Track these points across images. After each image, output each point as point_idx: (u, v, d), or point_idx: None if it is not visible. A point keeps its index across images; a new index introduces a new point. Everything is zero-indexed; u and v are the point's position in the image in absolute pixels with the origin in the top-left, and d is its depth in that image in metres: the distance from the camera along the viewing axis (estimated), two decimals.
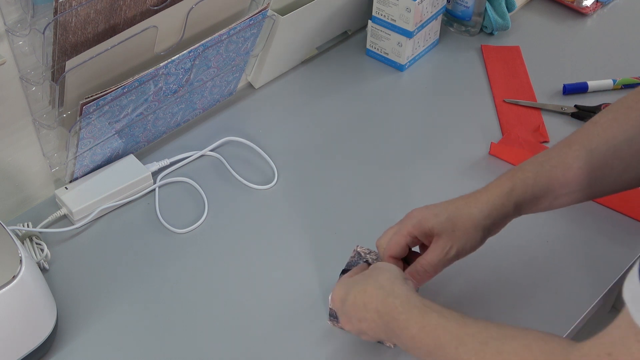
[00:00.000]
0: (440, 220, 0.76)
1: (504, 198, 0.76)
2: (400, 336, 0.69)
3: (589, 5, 1.31)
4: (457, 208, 0.77)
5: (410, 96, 1.16)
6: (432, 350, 0.66)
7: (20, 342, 0.76)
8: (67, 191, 0.95)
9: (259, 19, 0.98)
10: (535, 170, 0.77)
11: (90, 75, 0.86)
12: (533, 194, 0.76)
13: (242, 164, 1.04)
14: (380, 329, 0.72)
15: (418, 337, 0.67)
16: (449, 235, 0.76)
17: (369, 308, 0.72)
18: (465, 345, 0.63)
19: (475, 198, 0.77)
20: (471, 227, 0.76)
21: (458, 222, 0.76)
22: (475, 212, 0.76)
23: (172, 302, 0.87)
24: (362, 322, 0.73)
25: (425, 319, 0.67)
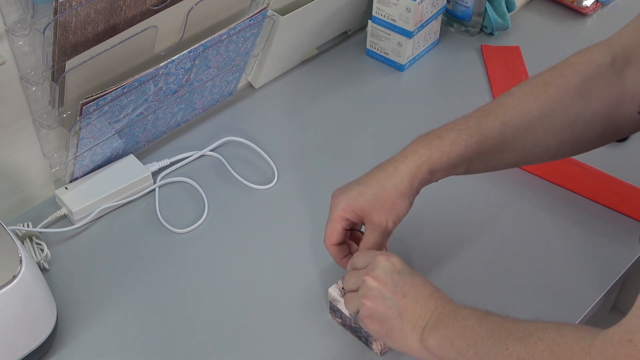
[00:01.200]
0: (368, 198, 0.78)
1: (423, 166, 0.78)
2: (451, 327, 0.69)
3: (589, 5, 1.31)
4: (379, 182, 0.79)
5: (410, 96, 1.16)
6: (478, 340, 0.67)
7: (20, 342, 0.76)
8: (67, 191, 0.95)
9: (259, 19, 0.98)
10: (452, 139, 0.79)
11: (90, 75, 0.86)
12: (449, 162, 0.78)
13: (242, 164, 1.04)
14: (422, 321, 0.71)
15: (472, 327, 0.68)
16: (379, 210, 0.78)
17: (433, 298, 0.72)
18: (514, 335, 0.65)
19: (395, 167, 0.79)
20: (398, 198, 0.78)
21: (384, 196, 0.78)
22: (397, 183, 0.78)
23: (172, 302, 0.87)
24: (405, 299, 0.72)
25: (486, 316, 0.69)
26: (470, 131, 0.79)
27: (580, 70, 0.79)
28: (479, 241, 0.92)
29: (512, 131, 0.78)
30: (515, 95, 0.80)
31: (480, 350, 0.67)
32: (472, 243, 0.92)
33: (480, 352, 0.66)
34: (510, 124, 0.78)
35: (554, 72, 0.80)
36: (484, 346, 0.66)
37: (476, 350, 0.67)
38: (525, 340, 0.64)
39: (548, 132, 0.79)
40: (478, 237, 0.92)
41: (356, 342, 0.82)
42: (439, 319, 0.70)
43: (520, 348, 0.64)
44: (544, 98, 0.78)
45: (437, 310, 0.71)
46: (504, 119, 0.78)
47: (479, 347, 0.67)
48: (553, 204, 0.98)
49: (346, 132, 1.09)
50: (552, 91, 0.78)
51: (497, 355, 0.65)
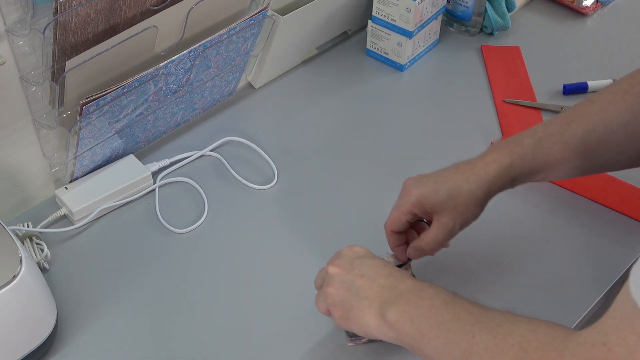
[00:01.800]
0: (441, 198, 0.77)
1: (503, 174, 0.77)
2: (413, 303, 0.69)
3: (589, 5, 1.31)
4: (455, 184, 0.77)
5: (410, 96, 1.16)
6: (443, 322, 0.66)
7: (20, 342, 0.76)
8: (67, 191, 0.95)
9: (259, 19, 0.98)
10: (533, 146, 0.78)
11: (90, 75, 0.86)
12: (530, 169, 0.78)
13: (242, 164, 1.04)
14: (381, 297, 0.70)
15: (437, 308, 0.67)
16: (450, 212, 0.77)
17: (394, 278, 0.72)
18: (481, 323, 0.64)
19: (473, 173, 0.78)
20: (472, 204, 0.77)
21: (459, 199, 0.77)
22: (474, 188, 0.77)
23: (172, 302, 0.87)
24: (363, 278, 0.72)
25: (453, 298, 0.69)
26: (553, 139, 0.78)
27: None
28: (478, 241, 0.92)
29: (594, 139, 0.78)
30: (597, 102, 0.79)
31: (443, 333, 0.66)
32: (472, 243, 0.92)
33: (444, 336, 0.65)
34: (592, 132, 0.78)
35: (632, 80, 0.80)
36: (448, 330, 0.65)
37: (439, 333, 0.66)
38: (494, 331, 0.63)
39: (630, 139, 0.78)
40: (478, 237, 0.92)
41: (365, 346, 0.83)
42: (401, 294, 0.70)
43: (488, 339, 0.62)
44: (624, 107, 0.78)
45: (399, 287, 0.71)
46: (587, 127, 0.78)
47: (442, 330, 0.66)
48: (553, 204, 0.98)
49: (346, 132, 1.09)
50: (631, 100, 0.78)
51: (462, 342, 0.64)
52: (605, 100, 0.79)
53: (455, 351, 0.64)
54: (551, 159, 0.78)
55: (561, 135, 0.78)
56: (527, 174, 0.78)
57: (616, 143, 0.78)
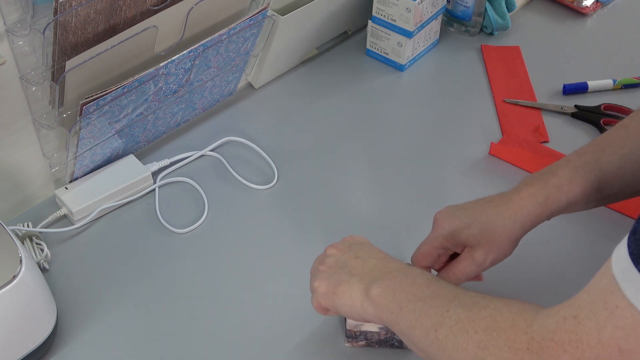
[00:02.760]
0: (474, 233, 0.75)
1: (539, 209, 0.75)
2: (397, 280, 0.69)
3: (589, 5, 1.31)
4: (489, 219, 0.75)
5: (410, 96, 1.16)
6: (421, 298, 0.66)
7: (20, 342, 0.76)
8: (67, 191, 0.95)
9: (259, 19, 0.98)
10: (570, 177, 0.75)
11: (90, 75, 0.86)
12: (567, 201, 0.75)
13: (242, 164, 1.04)
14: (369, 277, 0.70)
15: (419, 285, 0.68)
16: (483, 247, 0.75)
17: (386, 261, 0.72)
18: (459, 300, 0.64)
19: (508, 207, 0.75)
20: (506, 239, 0.75)
21: (492, 234, 0.75)
22: (509, 224, 0.74)
23: (172, 302, 0.87)
24: (357, 259, 0.73)
25: (438, 280, 0.69)
26: (589, 167, 0.76)
27: None
28: None
29: (631, 163, 0.75)
30: (629, 127, 0.77)
31: (419, 306, 0.66)
32: None
33: (419, 309, 0.65)
34: (628, 156, 0.75)
35: None
36: (425, 304, 0.65)
37: (415, 306, 0.66)
38: (469, 306, 0.63)
39: None
40: None
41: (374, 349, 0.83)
42: (388, 272, 0.70)
43: (462, 312, 0.62)
44: None
45: (388, 266, 0.71)
46: (622, 152, 0.75)
47: (419, 304, 0.66)
48: None
49: (346, 132, 1.09)
50: None
51: (436, 315, 0.64)
52: (637, 123, 0.77)
53: (427, 322, 0.64)
54: (588, 188, 0.75)
55: (597, 163, 0.75)
56: (565, 206, 0.75)
57: None
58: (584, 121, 1.10)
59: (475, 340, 0.60)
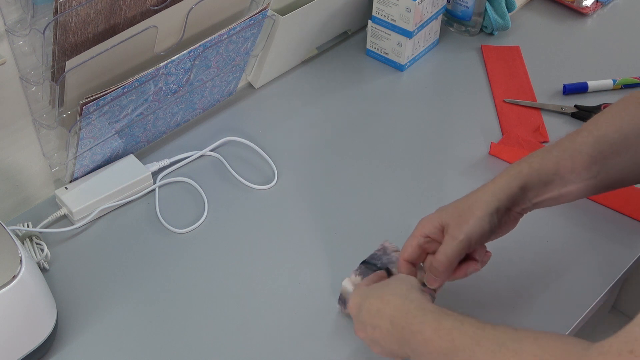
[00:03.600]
0: (447, 212, 0.77)
1: (512, 181, 0.76)
2: (412, 342, 0.68)
3: (589, 5, 1.31)
4: (465, 199, 0.77)
5: (410, 96, 1.16)
6: (446, 354, 0.65)
7: (20, 342, 0.76)
8: (67, 191, 0.95)
9: (259, 19, 0.98)
10: (542, 156, 0.77)
11: (90, 75, 0.86)
12: (539, 178, 0.76)
13: (242, 164, 1.04)
14: (394, 337, 0.71)
15: (431, 340, 0.66)
16: (456, 221, 0.76)
17: (383, 314, 0.72)
18: (482, 346, 0.62)
19: (484, 187, 0.77)
20: (478, 210, 0.75)
21: (466, 210, 0.76)
22: (482, 196, 0.76)
23: (172, 302, 0.87)
24: (375, 329, 0.73)
25: (440, 322, 0.67)
26: (562, 146, 0.76)
27: None
28: None
29: (606, 145, 0.75)
30: (607, 112, 0.78)
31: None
32: None
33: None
34: (604, 138, 0.75)
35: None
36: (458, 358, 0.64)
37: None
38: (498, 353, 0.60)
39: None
40: None
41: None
42: (400, 334, 0.70)
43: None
44: (636, 114, 0.76)
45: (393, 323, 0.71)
46: (598, 134, 0.76)
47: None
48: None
49: (346, 132, 1.09)
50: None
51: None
52: (617, 108, 0.77)
53: None
54: (561, 167, 0.75)
55: (570, 143, 0.76)
56: (537, 183, 0.76)
57: (628, 150, 0.75)
58: (584, 121, 1.10)
59: None
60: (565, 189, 0.77)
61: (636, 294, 1.17)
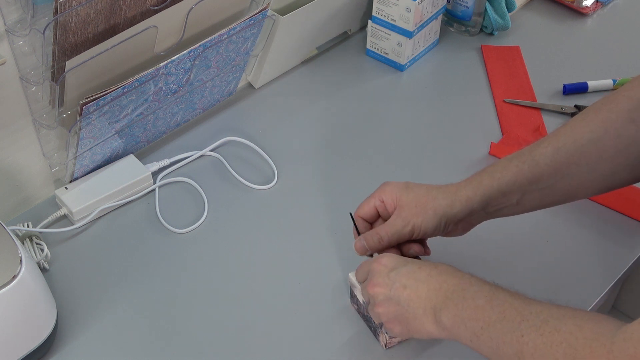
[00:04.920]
0: (408, 195, 0.80)
1: (470, 190, 0.78)
2: (460, 306, 0.69)
3: (589, 5, 1.31)
4: (427, 190, 0.80)
5: (410, 96, 1.16)
6: (492, 323, 0.67)
7: (20, 342, 0.76)
8: (67, 191, 0.95)
9: (259, 19, 0.98)
10: (503, 165, 0.79)
11: (90, 75, 0.86)
12: (499, 188, 0.78)
13: (242, 164, 1.04)
14: (430, 304, 0.71)
15: (482, 308, 0.68)
16: (410, 210, 0.79)
17: (435, 279, 0.72)
18: (528, 321, 0.65)
19: (446, 187, 0.80)
20: (431, 209, 0.78)
21: (422, 201, 0.79)
22: (440, 198, 0.79)
23: (172, 302, 0.87)
24: (406, 289, 0.73)
25: (495, 294, 0.69)
26: (522, 157, 0.78)
27: (631, 96, 0.77)
28: (478, 241, 0.92)
29: (564, 156, 0.77)
30: (568, 124, 0.80)
31: (494, 334, 0.67)
32: (472, 243, 0.92)
33: (495, 336, 0.66)
34: (562, 149, 0.77)
35: (605, 100, 0.79)
36: (497, 330, 0.66)
37: (490, 334, 0.67)
38: (541, 328, 0.63)
39: (602, 156, 0.77)
40: (478, 237, 0.91)
41: (365, 335, 0.82)
42: (447, 297, 0.71)
43: (536, 337, 0.63)
44: (595, 122, 0.78)
45: (442, 287, 0.71)
46: (557, 145, 0.78)
47: (492, 331, 0.67)
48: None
49: (346, 132, 1.09)
50: (603, 116, 0.77)
51: (512, 341, 0.65)
52: (577, 119, 0.79)
53: (509, 351, 0.65)
54: (520, 177, 0.78)
55: (530, 154, 0.78)
56: (497, 193, 0.78)
57: (586, 161, 0.77)
58: None
59: None
60: (525, 198, 0.79)
61: (636, 294, 1.17)
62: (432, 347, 0.82)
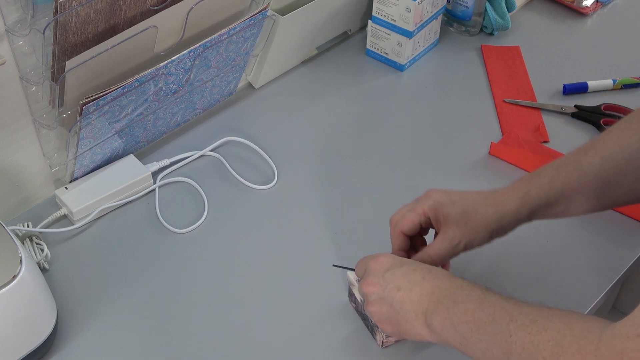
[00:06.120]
0: (456, 211, 0.77)
1: (519, 203, 0.77)
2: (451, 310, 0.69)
3: (589, 5, 1.31)
4: (474, 202, 0.78)
5: (410, 96, 1.16)
6: (481, 325, 0.67)
7: (20, 342, 0.76)
8: (67, 191, 0.95)
9: (259, 19, 0.98)
10: (551, 175, 0.78)
11: (90, 75, 0.86)
12: (547, 200, 0.77)
13: (242, 164, 1.04)
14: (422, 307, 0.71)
15: (472, 311, 0.68)
16: (460, 228, 0.77)
17: (428, 283, 0.72)
18: (516, 321, 0.65)
19: (493, 198, 0.78)
20: (482, 226, 0.77)
21: (471, 217, 0.77)
22: (490, 212, 0.77)
23: (171, 302, 0.87)
24: (399, 290, 0.73)
25: (486, 297, 0.69)
26: (569, 167, 0.78)
27: None
28: None
29: (612, 165, 0.76)
30: (614, 131, 0.79)
31: (483, 336, 0.67)
32: None
33: (484, 338, 0.66)
34: (609, 158, 0.77)
35: None
36: (486, 332, 0.66)
37: (480, 336, 0.67)
38: (529, 327, 0.63)
39: None
40: None
41: (363, 334, 0.82)
42: (438, 302, 0.71)
43: (524, 336, 0.63)
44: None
45: (435, 292, 0.71)
46: (603, 154, 0.77)
47: (482, 333, 0.67)
48: None
49: (346, 132, 1.09)
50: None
51: (501, 342, 0.65)
52: (622, 127, 0.78)
53: (497, 352, 0.65)
54: (568, 188, 0.77)
55: (578, 164, 0.77)
56: (545, 204, 0.77)
57: (634, 169, 0.76)
58: (584, 121, 1.10)
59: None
60: (571, 208, 0.78)
61: (636, 294, 1.17)
62: (429, 347, 0.82)
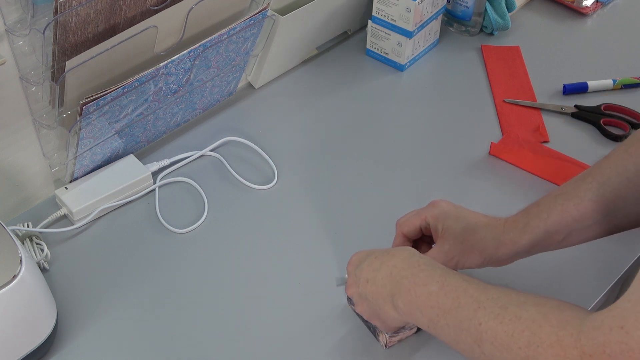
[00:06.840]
0: (458, 227, 0.78)
1: (517, 235, 0.77)
2: (411, 293, 0.69)
3: (589, 5, 1.31)
4: (476, 224, 0.78)
5: (410, 96, 1.16)
6: (447, 310, 0.66)
7: (20, 342, 0.76)
8: (67, 191, 0.95)
9: (259, 19, 0.98)
10: (549, 205, 0.77)
11: (90, 75, 0.86)
12: (546, 229, 0.76)
13: (242, 164, 1.04)
14: (386, 289, 0.71)
15: (436, 294, 0.67)
16: (457, 245, 0.77)
17: (385, 265, 0.72)
18: (485, 308, 0.63)
19: (494, 224, 0.78)
20: (477, 249, 0.77)
21: (469, 237, 0.77)
22: (488, 237, 0.77)
23: (171, 302, 0.87)
24: (368, 283, 0.73)
25: (447, 279, 0.68)
26: (567, 195, 0.77)
27: None
28: None
29: (610, 190, 0.75)
30: (610, 156, 0.78)
31: (451, 322, 0.65)
32: None
33: (452, 324, 0.65)
34: (607, 184, 0.75)
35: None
36: (453, 317, 0.65)
37: (447, 322, 0.66)
38: (500, 316, 0.62)
39: None
40: None
41: (366, 335, 0.82)
42: (398, 282, 0.70)
43: (496, 325, 0.61)
44: (638, 154, 0.76)
45: (392, 273, 0.71)
46: (601, 179, 0.76)
47: (449, 319, 0.66)
48: None
49: (346, 132, 1.09)
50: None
51: (470, 329, 0.63)
52: (619, 152, 0.77)
53: (467, 339, 0.64)
54: (567, 216, 0.76)
55: (575, 191, 0.77)
56: (543, 235, 0.76)
57: (633, 193, 0.75)
58: (584, 121, 1.10)
59: (522, 356, 0.60)
60: (571, 237, 0.78)
61: None
62: (429, 347, 0.82)
